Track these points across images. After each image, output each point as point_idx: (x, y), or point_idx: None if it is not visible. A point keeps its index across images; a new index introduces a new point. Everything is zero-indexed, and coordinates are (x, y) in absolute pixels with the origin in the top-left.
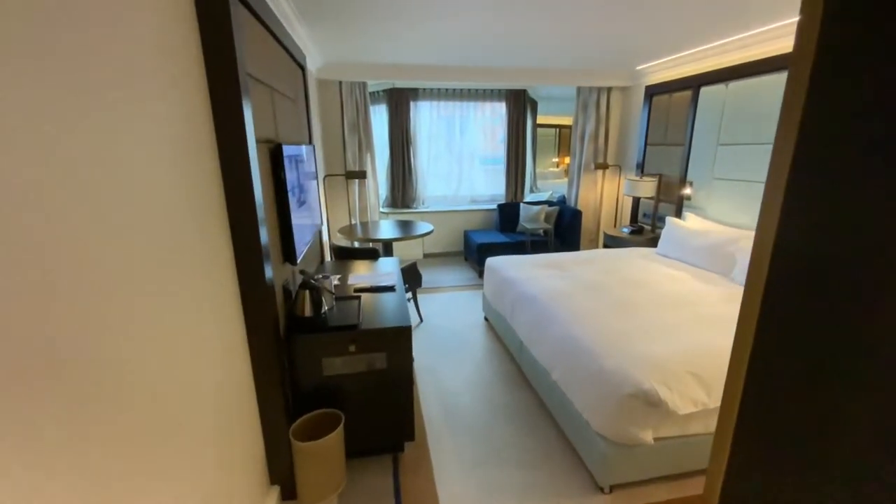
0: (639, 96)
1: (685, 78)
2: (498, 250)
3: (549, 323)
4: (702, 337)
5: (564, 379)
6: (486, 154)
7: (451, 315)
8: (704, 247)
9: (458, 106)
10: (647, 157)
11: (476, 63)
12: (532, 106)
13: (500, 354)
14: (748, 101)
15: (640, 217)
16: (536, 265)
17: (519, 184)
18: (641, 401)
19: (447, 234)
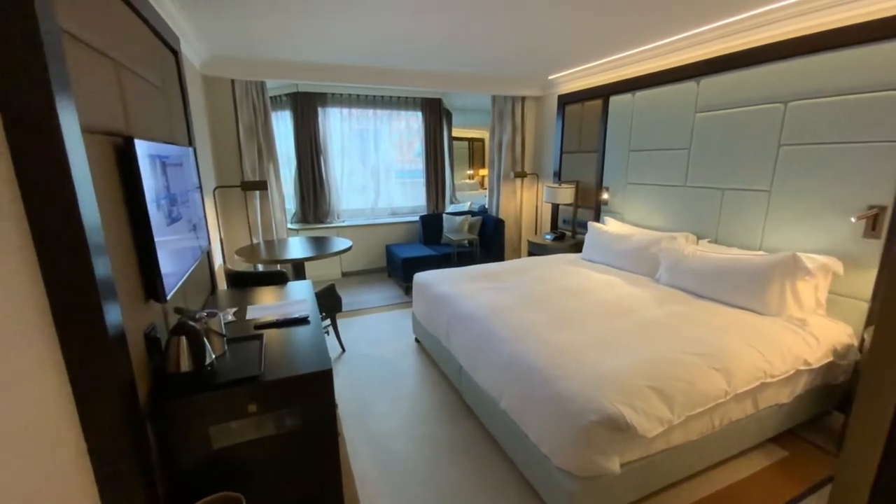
0: (552, 105)
1: (595, 87)
2: (424, 264)
3: (492, 343)
4: (651, 345)
5: (515, 407)
6: (403, 167)
7: (378, 340)
8: (628, 250)
9: (372, 115)
10: (564, 165)
11: (386, 64)
12: (447, 117)
13: (437, 381)
14: (653, 110)
15: (560, 223)
16: (469, 278)
17: (440, 195)
18: (607, 427)
19: (367, 249)
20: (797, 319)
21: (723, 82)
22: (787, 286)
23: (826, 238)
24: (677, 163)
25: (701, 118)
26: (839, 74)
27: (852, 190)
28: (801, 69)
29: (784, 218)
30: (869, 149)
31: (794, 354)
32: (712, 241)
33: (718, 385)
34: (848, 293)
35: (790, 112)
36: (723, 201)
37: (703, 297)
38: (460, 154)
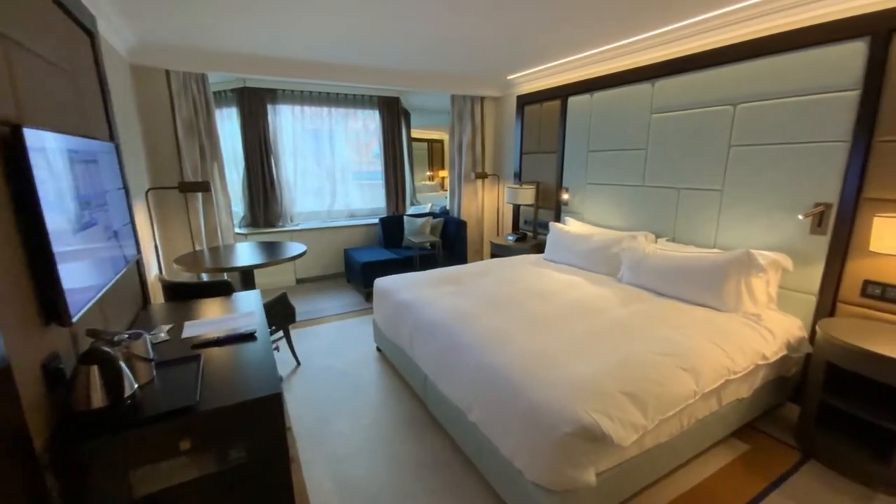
0: (511, 106)
1: (554, 88)
2: (385, 268)
3: (458, 352)
4: (620, 347)
5: (486, 419)
6: (361, 169)
7: (337, 350)
8: (590, 250)
9: (328, 114)
10: (524, 166)
11: (340, 60)
12: (406, 117)
13: (401, 393)
14: (611, 111)
15: (521, 224)
16: (432, 283)
17: (400, 196)
18: (583, 438)
19: (324, 254)
20: (752, 314)
21: (676, 84)
22: (742, 282)
23: (775, 235)
24: (635, 163)
25: (656, 119)
26: (784, 78)
27: (799, 188)
28: (748, 72)
29: (736, 216)
30: (813, 149)
31: (753, 349)
32: (670, 239)
33: (688, 386)
34: (796, 287)
35: (739, 114)
36: (679, 200)
37: (665, 296)
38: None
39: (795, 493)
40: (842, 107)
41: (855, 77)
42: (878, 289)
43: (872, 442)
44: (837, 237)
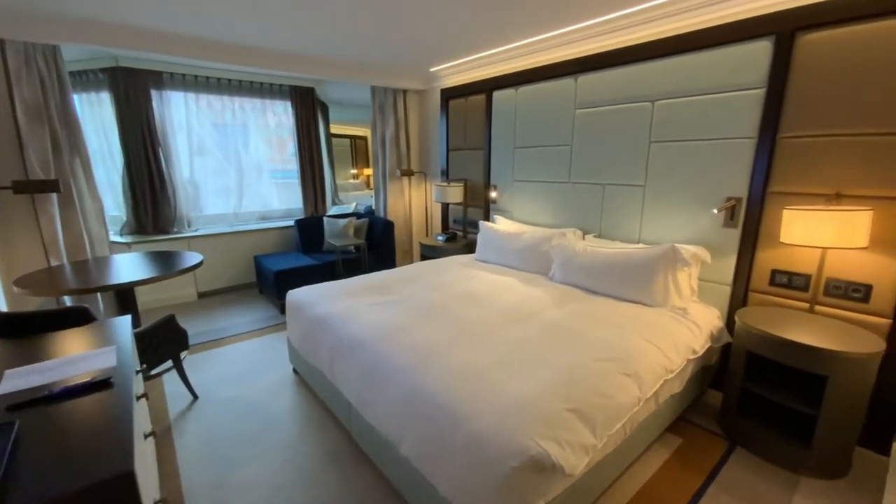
0: (435, 100)
1: (478, 82)
2: (302, 276)
3: (385, 374)
4: (560, 354)
5: (420, 453)
6: (277, 167)
7: (246, 376)
8: (521, 249)
9: (236, 104)
10: (451, 163)
11: (240, 39)
12: (323, 110)
13: (323, 423)
14: (536, 106)
15: (451, 223)
16: (355, 292)
17: (319, 196)
18: (531, 471)
19: (231, 262)
20: (679, 308)
21: (598, 80)
22: (669, 277)
23: (693, 229)
24: (561, 159)
25: (580, 115)
26: (696, 76)
27: (713, 183)
28: (664, 70)
29: (658, 211)
30: (724, 145)
31: (685, 344)
32: (597, 235)
33: (632, 393)
34: (712, 279)
35: (657, 110)
36: (604, 196)
37: (597, 293)
38: (342, 152)
39: (729, 485)
40: (749, 104)
41: (760, 76)
42: (784, 277)
43: (793, 427)
44: (748, 229)
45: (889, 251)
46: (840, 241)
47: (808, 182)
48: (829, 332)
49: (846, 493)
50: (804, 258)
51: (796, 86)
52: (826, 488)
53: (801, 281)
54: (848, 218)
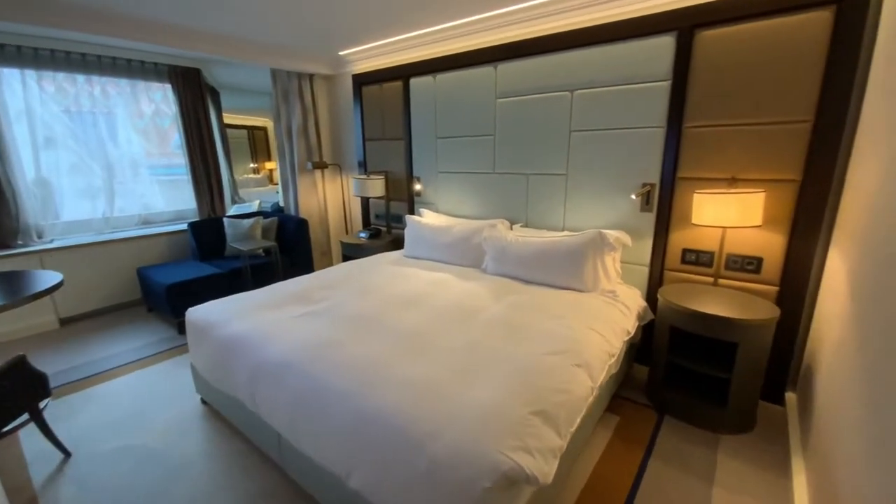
0: (347, 86)
1: (393, 68)
2: (203, 289)
3: (324, 399)
4: (511, 351)
5: (374, 485)
6: (160, 162)
7: (138, 418)
8: (452, 242)
9: (89, 85)
10: (369, 154)
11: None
12: (213, 96)
13: (248, 461)
14: (456, 95)
15: (373, 219)
16: (273, 303)
17: (216, 194)
18: (504, 488)
19: (106, 277)
20: (609, 291)
21: (518, 69)
22: (598, 262)
23: (614, 214)
24: (484, 149)
25: (501, 104)
26: (610, 67)
27: (630, 170)
28: (581, 60)
29: (580, 199)
30: (638, 134)
31: (620, 327)
32: (524, 225)
33: (585, 383)
34: (632, 260)
35: (576, 100)
36: (529, 186)
37: (531, 283)
38: (239, 144)
39: (664, 454)
40: (657, 96)
41: (666, 69)
42: (693, 255)
43: (707, 391)
44: (661, 213)
45: (776, 228)
46: (741, 221)
47: (709, 168)
48: (734, 303)
49: (757, 442)
50: (709, 237)
51: (697, 79)
52: (741, 442)
53: (706, 258)
54: (746, 199)
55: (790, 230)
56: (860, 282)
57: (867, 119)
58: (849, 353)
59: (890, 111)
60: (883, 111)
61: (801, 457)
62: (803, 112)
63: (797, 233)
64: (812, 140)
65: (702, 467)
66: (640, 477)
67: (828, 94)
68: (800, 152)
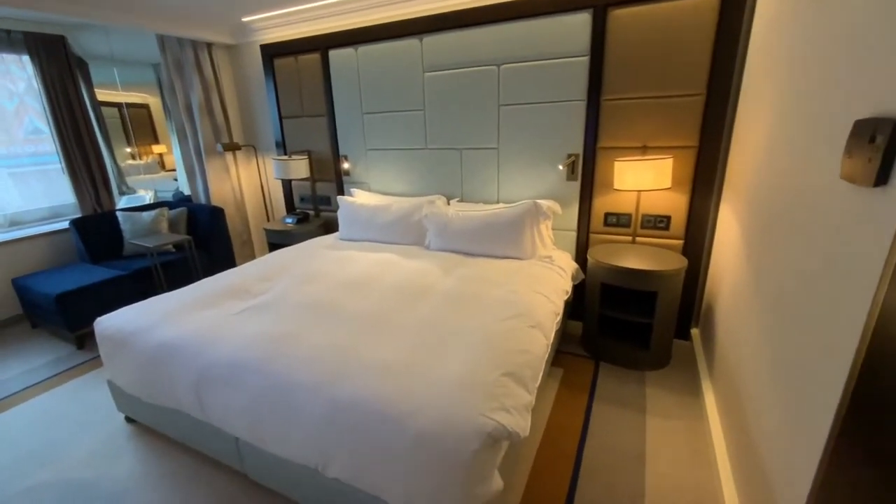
0: (254, 57)
1: (309, 38)
2: (102, 295)
3: (291, 396)
4: (470, 322)
5: (355, 471)
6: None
7: (48, 449)
8: (391, 221)
9: None
10: (287, 133)
11: None
12: (82, 69)
13: (196, 474)
14: (381, 68)
15: (298, 203)
16: (206, 301)
17: (100, 185)
18: (490, 447)
19: None
20: (546, 257)
21: (444, 42)
22: (534, 230)
23: (543, 184)
24: (415, 125)
25: (430, 78)
26: (534, 42)
27: (556, 142)
28: (506, 34)
29: (512, 171)
30: (562, 107)
31: (560, 288)
32: (460, 200)
33: (541, 342)
34: (562, 227)
35: (503, 74)
36: (462, 161)
37: (474, 255)
38: (113, 126)
39: (605, 396)
40: (578, 70)
41: (584, 45)
42: (614, 218)
43: (635, 335)
44: (585, 181)
45: (680, 189)
46: (655, 184)
47: (624, 137)
48: (651, 257)
49: (674, 374)
50: (626, 200)
51: (611, 55)
52: (661, 375)
53: (625, 219)
54: (658, 165)
55: (691, 190)
56: (750, 230)
57: (747, 92)
58: (744, 292)
59: (771, 87)
60: (767, 86)
61: (709, 380)
62: (697, 86)
63: (696, 192)
64: (705, 111)
65: (635, 401)
66: (587, 419)
67: (716, 70)
68: (696, 122)
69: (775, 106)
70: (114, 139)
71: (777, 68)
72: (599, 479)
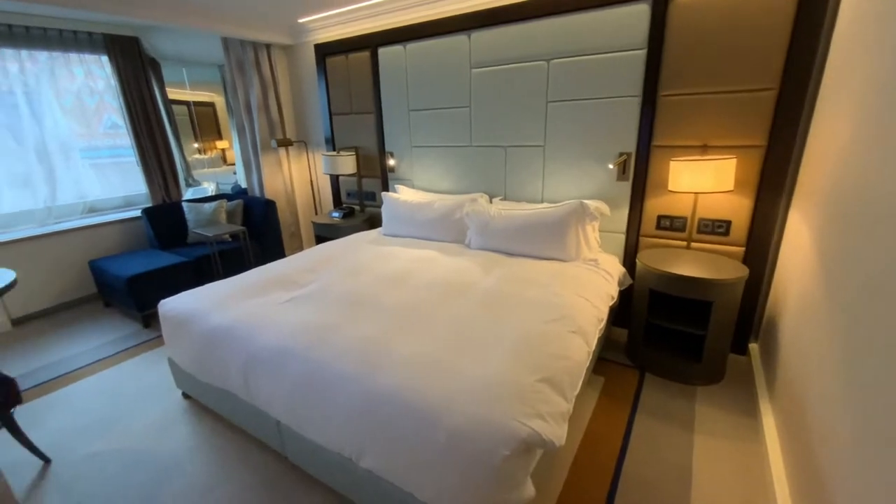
0: (309, 57)
1: (360, 37)
2: (167, 279)
3: (328, 384)
4: (508, 323)
5: (387, 464)
6: (93, 143)
7: (113, 419)
8: (433, 219)
9: (17, 67)
10: (337, 129)
11: None
12: (155, 69)
13: (245, 452)
14: (428, 65)
15: (344, 198)
16: (255, 290)
17: (169, 177)
18: (523, 453)
19: (55, 272)
20: (591, 260)
21: (493, 37)
22: (579, 231)
23: (591, 184)
24: (460, 122)
25: (477, 74)
26: (586, 36)
27: (606, 140)
28: (557, 28)
29: (558, 170)
30: (614, 103)
31: (605, 292)
32: (503, 198)
33: (583, 349)
34: (610, 229)
35: (552, 69)
36: (506, 159)
37: (515, 255)
38: (182, 122)
39: (649, 408)
40: (633, 65)
41: (641, 37)
42: (668, 221)
43: (686, 347)
44: (637, 181)
45: (743, 192)
46: (715, 186)
47: (683, 135)
48: (707, 264)
49: (728, 390)
50: (682, 203)
51: (671, 47)
52: (714, 391)
53: (680, 223)
54: (720, 166)
55: (756, 193)
56: (825, 239)
57: (828, 87)
58: (816, 306)
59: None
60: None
61: (768, 400)
62: (769, 80)
63: (762, 196)
64: (776, 107)
65: (683, 417)
66: (629, 432)
67: (792, 62)
68: (765, 119)
69: (865, 102)
70: (182, 135)
71: (867, 60)
72: (639, 494)
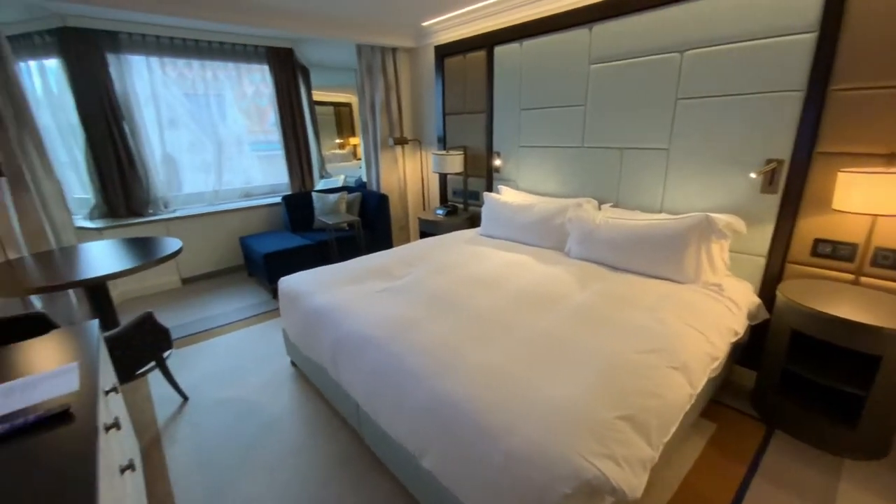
0: (429, 58)
1: (477, 36)
2: (294, 258)
3: (400, 379)
4: (597, 346)
5: (445, 470)
6: (258, 138)
7: (238, 372)
8: (532, 222)
9: (208, 70)
10: (449, 129)
11: None
12: (304, 74)
13: (330, 425)
14: (544, 62)
15: (450, 196)
16: (353, 278)
17: (306, 169)
18: (586, 496)
19: (216, 244)
20: (713, 284)
21: (617, 29)
22: (702, 250)
23: (724, 195)
24: (573, 121)
25: (595, 70)
26: (732, 19)
27: (750, 144)
28: (694, 14)
29: (683, 177)
30: (765, 100)
31: (726, 326)
32: (614, 204)
33: (683, 389)
34: (745, 250)
35: (686, 62)
36: (622, 162)
37: (619, 269)
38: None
39: (773, 473)
40: (795, 52)
41: (811, 18)
42: (828, 247)
43: (834, 406)
44: (789, 195)
45: None
46: None
47: (859, 141)
48: (880, 307)
49: (891, 471)
50: (851, 226)
51: (852, 29)
52: (870, 470)
53: (846, 251)
54: None
55: None
56: None
57: None
58: None
59: None
60: None
61: None
62: None
63: None
64: None
65: (819, 493)
66: (740, 497)
67: None
68: None
69: None
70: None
71: None
72: None
